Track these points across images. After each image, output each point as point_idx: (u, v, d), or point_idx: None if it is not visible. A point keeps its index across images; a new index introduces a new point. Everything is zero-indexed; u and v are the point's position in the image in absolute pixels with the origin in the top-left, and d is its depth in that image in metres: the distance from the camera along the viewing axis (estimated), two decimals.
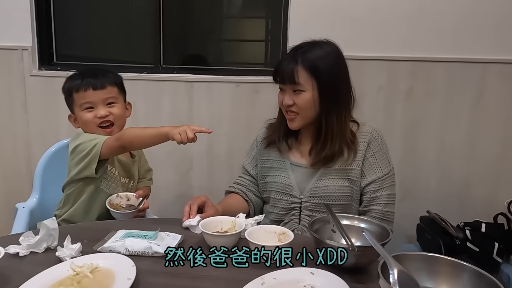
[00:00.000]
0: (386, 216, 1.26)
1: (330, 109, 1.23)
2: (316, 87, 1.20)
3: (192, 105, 2.04)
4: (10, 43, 2.01)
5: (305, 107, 1.23)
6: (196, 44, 2.20)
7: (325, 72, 1.21)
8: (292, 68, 1.21)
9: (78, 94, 1.30)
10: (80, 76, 1.32)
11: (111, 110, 1.31)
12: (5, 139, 2.10)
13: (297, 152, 1.34)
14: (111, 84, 1.33)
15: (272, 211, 1.34)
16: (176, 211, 2.13)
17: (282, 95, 1.27)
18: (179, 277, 0.87)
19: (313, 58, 1.21)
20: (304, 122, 1.26)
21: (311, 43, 1.25)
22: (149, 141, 1.21)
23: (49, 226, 0.94)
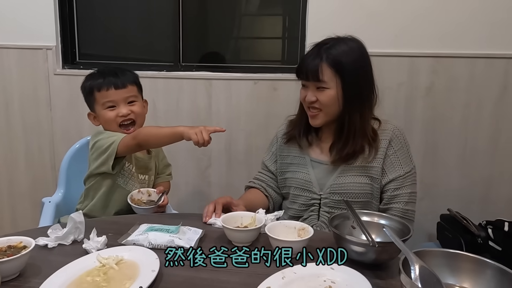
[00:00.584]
0: (406, 215, 1.25)
1: (353, 107, 1.22)
2: (340, 84, 1.20)
3: (210, 103, 2.06)
4: (35, 43, 2.06)
5: (328, 104, 1.22)
6: (215, 42, 2.22)
7: (350, 70, 1.20)
8: (317, 65, 1.20)
9: (100, 93, 1.32)
10: (101, 75, 1.34)
11: (132, 109, 1.35)
12: (30, 136, 2.16)
13: (317, 148, 1.34)
14: (131, 83, 1.36)
15: (291, 207, 1.35)
16: (195, 207, 2.17)
17: (305, 91, 1.26)
18: (200, 269, 0.88)
19: (338, 55, 1.20)
20: (326, 119, 1.25)
21: (335, 39, 1.24)
22: (164, 140, 1.24)
23: (75, 219, 0.97)
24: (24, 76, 2.10)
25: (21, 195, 2.20)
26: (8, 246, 0.85)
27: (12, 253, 0.82)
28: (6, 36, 2.06)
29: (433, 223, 1.89)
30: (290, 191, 1.35)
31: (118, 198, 1.34)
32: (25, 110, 2.14)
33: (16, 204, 2.23)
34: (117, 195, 1.34)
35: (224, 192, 2.16)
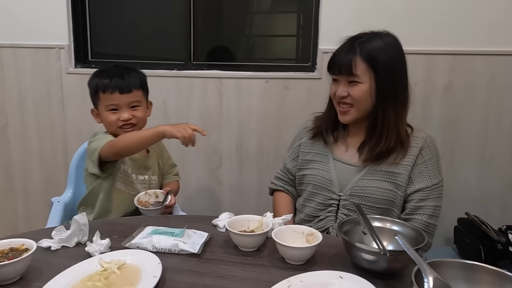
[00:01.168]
0: (428, 228, 1.20)
1: (387, 103, 1.18)
2: (374, 79, 1.16)
3: (221, 102, 2.03)
4: (48, 42, 2.07)
5: (360, 99, 1.18)
6: (226, 41, 2.19)
7: (385, 64, 1.16)
8: (350, 59, 1.16)
9: (104, 95, 1.32)
10: (108, 76, 1.33)
11: (134, 113, 1.35)
12: (44, 135, 2.18)
13: (343, 146, 1.29)
14: (137, 87, 1.36)
15: (308, 205, 1.31)
16: (206, 206, 2.15)
17: (336, 86, 1.23)
18: (205, 276, 0.86)
19: (373, 48, 1.16)
20: (357, 115, 1.21)
21: (370, 34, 1.21)
22: (145, 142, 1.24)
23: (79, 221, 0.96)
24: (37, 75, 2.12)
25: (35, 194, 2.22)
26: (10, 249, 0.85)
27: (14, 255, 0.81)
28: (20, 36, 2.08)
29: (450, 227, 1.82)
30: (308, 188, 1.31)
31: (119, 202, 1.34)
32: (39, 109, 2.15)
33: (30, 202, 2.25)
34: (117, 199, 1.34)
35: (235, 191, 2.14)
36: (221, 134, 2.06)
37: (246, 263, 0.92)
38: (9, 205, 2.27)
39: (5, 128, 2.19)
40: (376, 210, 1.20)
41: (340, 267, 0.90)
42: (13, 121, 2.18)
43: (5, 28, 2.08)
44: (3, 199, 2.26)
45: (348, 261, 0.92)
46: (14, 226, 2.29)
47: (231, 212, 1.13)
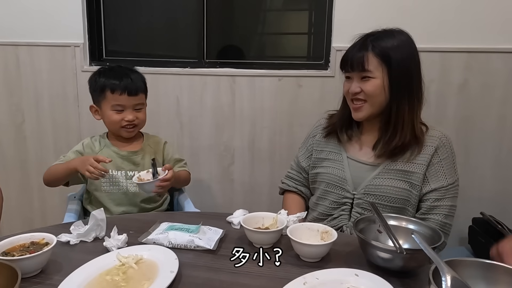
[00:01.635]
0: (444, 228, 1.19)
1: (401, 97, 1.18)
2: (387, 73, 1.16)
3: (234, 99, 2.04)
4: (64, 40, 2.10)
5: (373, 94, 1.18)
6: (239, 38, 2.19)
7: (397, 60, 1.16)
8: (362, 55, 1.17)
9: (113, 95, 1.36)
10: (117, 77, 1.36)
11: (138, 115, 1.40)
12: (59, 132, 2.21)
13: (357, 144, 1.29)
14: (142, 90, 1.41)
15: (322, 203, 1.31)
16: (218, 204, 2.16)
17: (349, 83, 1.23)
18: (220, 272, 0.87)
19: (385, 44, 1.17)
20: (371, 111, 1.21)
21: (383, 31, 1.21)
22: (61, 177, 1.36)
23: (97, 216, 0.98)
24: (53, 73, 2.15)
25: (50, 190, 2.22)
26: (31, 242, 0.86)
27: (35, 249, 0.83)
28: (36, 34, 2.11)
29: (464, 226, 1.80)
30: (321, 186, 1.31)
31: (112, 201, 1.39)
32: (54, 107, 2.18)
33: (45, 199, 2.29)
34: (108, 200, 1.39)
35: (247, 189, 2.15)
36: (233, 132, 2.07)
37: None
38: (25, 201, 2.31)
39: (22, 125, 2.23)
40: (390, 209, 1.20)
41: (355, 265, 0.90)
42: (30, 118, 2.22)
43: (22, 27, 2.11)
44: (20, 195, 2.30)
45: (363, 259, 0.92)
46: (29, 222, 2.33)
47: (245, 210, 1.13)
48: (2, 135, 2.25)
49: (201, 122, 2.09)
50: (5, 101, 2.20)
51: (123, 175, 1.40)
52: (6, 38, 2.13)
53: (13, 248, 0.84)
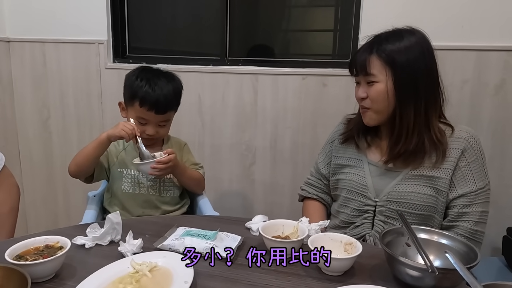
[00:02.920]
0: (474, 236, 1.11)
1: (406, 101, 1.11)
2: (391, 77, 1.10)
3: (256, 98, 2.00)
4: (88, 37, 2.11)
5: (377, 99, 1.12)
6: (262, 36, 2.14)
7: (402, 62, 1.09)
8: (365, 58, 1.12)
9: (140, 109, 1.31)
10: (151, 88, 1.30)
11: (160, 130, 1.37)
12: (83, 128, 2.23)
13: (377, 150, 1.23)
14: (172, 108, 1.36)
15: (343, 211, 1.25)
16: (238, 205, 2.13)
17: (358, 88, 1.19)
18: (237, 283, 0.83)
19: (390, 46, 1.10)
20: (377, 117, 1.15)
21: (391, 32, 1.14)
22: (92, 153, 1.28)
23: (113, 220, 0.95)
24: (78, 70, 2.17)
25: (74, 186, 2.28)
26: (46, 246, 0.85)
27: (48, 253, 0.81)
28: (62, 31, 2.13)
29: (498, 236, 1.70)
30: (342, 193, 1.26)
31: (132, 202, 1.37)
32: (79, 103, 2.21)
33: (69, 194, 2.32)
34: (128, 201, 1.37)
35: (268, 191, 2.11)
36: (255, 131, 2.03)
37: (280, 271, 0.88)
38: (50, 196, 2.35)
39: (47, 121, 2.26)
40: (416, 217, 1.12)
41: (381, 280, 0.84)
42: (55, 115, 2.25)
43: (48, 24, 2.14)
44: (45, 190, 2.35)
45: (390, 275, 0.86)
46: (54, 217, 2.37)
47: (264, 215, 1.09)
48: (29, 131, 2.29)
49: (222, 121, 2.06)
50: (33, 97, 2.24)
51: (144, 176, 1.38)
52: (34, 35, 2.16)
53: (27, 251, 0.82)
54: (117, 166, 1.38)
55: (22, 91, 2.24)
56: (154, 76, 1.35)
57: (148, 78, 1.33)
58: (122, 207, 1.38)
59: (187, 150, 1.52)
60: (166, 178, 1.41)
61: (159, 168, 1.26)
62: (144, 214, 1.36)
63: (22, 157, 2.33)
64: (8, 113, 2.24)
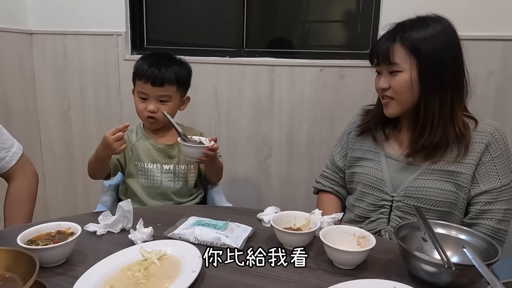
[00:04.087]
0: (497, 235, 1.06)
1: (431, 92, 1.06)
2: (416, 66, 1.05)
3: (273, 90, 1.97)
4: (107, 29, 2.13)
5: (400, 90, 1.08)
6: (280, 27, 2.11)
7: (428, 50, 1.04)
8: (388, 46, 1.07)
9: (138, 83, 1.35)
10: (148, 64, 1.33)
11: (161, 107, 1.34)
12: (102, 119, 2.26)
13: (395, 143, 1.19)
14: (171, 82, 1.34)
15: (358, 205, 1.22)
16: (253, 197, 2.11)
17: (378, 78, 1.14)
18: (246, 274, 0.81)
19: (415, 34, 1.05)
20: (400, 108, 1.11)
21: (415, 19, 1.10)
22: (95, 164, 1.30)
23: (124, 208, 0.96)
24: (97, 62, 2.19)
25: None
26: (58, 232, 0.86)
27: (60, 239, 0.82)
28: (82, 23, 2.15)
29: None
30: (357, 187, 1.23)
31: (147, 195, 1.37)
32: (98, 95, 2.23)
33: (88, 183, 2.36)
34: (143, 193, 1.37)
35: (284, 183, 2.08)
36: (271, 123, 2.01)
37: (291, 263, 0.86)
38: (70, 185, 2.40)
39: (68, 112, 2.30)
40: (435, 213, 1.08)
41: (395, 276, 0.81)
42: (75, 106, 2.28)
43: (69, 17, 2.17)
44: (66, 180, 2.40)
45: (405, 270, 0.83)
46: (74, 206, 2.42)
47: (277, 207, 1.07)
48: (50, 122, 2.34)
49: (239, 113, 2.04)
50: (54, 89, 2.28)
51: (159, 168, 1.38)
52: (55, 28, 2.20)
53: (39, 236, 0.83)
54: (133, 160, 1.39)
55: (43, 82, 2.29)
56: (157, 56, 1.39)
57: (150, 56, 1.38)
58: (137, 199, 1.38)
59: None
60: (180, 169, 1.41)
61: (209, 155, 1.26)
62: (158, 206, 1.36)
63: (44, 147, 2.38)
64: (30, 104, 2.29)
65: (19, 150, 1.27)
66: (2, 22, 2.05)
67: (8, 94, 2.13)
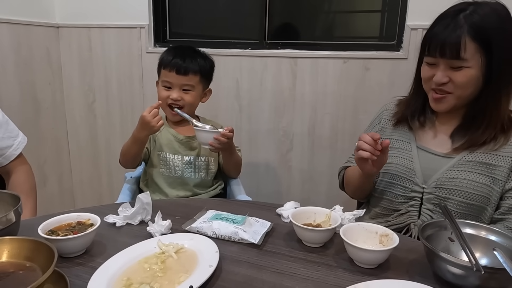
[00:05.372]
0: None
1: (498, 89, 0.99)
2: (485, 62, 0.97)
3: (295, 82, 1.94)
4: (130, 22, 2.14)
5: (465, 85, 1.00)
6: (303, 17, 2.06)
7: (500, 43, 0.96)
8: (458, 39, 0.96)
9: (164, 71, 1.37)
10: (173, 54, 1.37)
11: (184, 96, 1.37)
12: (126, 111, 2.29)
13: (431, 131, 1.13)
14: (195, 72, 1.37)
15: (386, 197, 1.17)
16: (273, 191, 2.10)
17: (432, 69, 1.04)
18: (263, 270, 0.80)
19: (484, 23, 0.95)
20: (455, 103, 1.04)
21: (476, 3, 0.99)
22: (133, 148, 1.33)
23: (143, 200, 0.96)
24: (121, 55, 2.21)
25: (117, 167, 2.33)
26: (78, 222, 0.87)
27: (79, 230, 0.83)
28: (106, 16, 2.18)
29: None
30: (385, 178, 1.17)
31: (168, 185, 1.38)
32: (121, 87, 2.26)
33: (112, 174, 2.41)
34: (163, 183, 1.38)
35: (306, 178, 2.06)
36: (293, 116, 1.98)
37: (310, 260, 0.84)
38: (95, 176, 2.45)
39: (93, 104, 2.34)
40: (466, 207, 1.03)
41: (419, 277, 0.78)
42: (100, 98, 2.32)
43: (94, 10, 2.19)
44: (91, 170, 2.45)
45: (429, 271, 0.79)
46: (99, 196, 2.48)
47: (297, 202, 1.05)
48: (76, 113, 2.39)
49: (260, 105, 2.02)
50: (80, 81, 2.33)
51: (180, 159, 1.39)
52: (80, 21, 2.23)
53: (59, 226, 0.84)
54: (157, 150, 1.40)
55: (70, 75, 2.34)
56: (182, 48, 1.42)
57: (175, 48, 1.42)
58: (158, 189, 1.39)
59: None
60: (201, 161, 1.41)
61: (221, 141, 1.26)
62: (179, 196, 1.37)
63: (70, 138, 2.44)
64: (57, 96, 2.34)
65: (24, 140, 1.30)
66: (31, 16, 2.10)
67: (37, 87, 2.19)
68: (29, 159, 1.32)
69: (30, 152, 2.15)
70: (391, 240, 0.83)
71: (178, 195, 1.38)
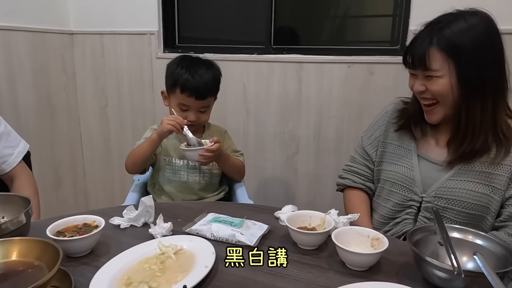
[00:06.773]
0: None
1: (472, 98, 1.01)
2: (455, 72, 1.00)
3: (301, 87, 1.97)
4: (141, 28, 2.21)
5: (440, 94, 1.03)
6: (308, 22, 2.09)
7: (468, 53, 0.98)
8: (424, 50, 1.01)
9: (181, 95, 1.35)
10: (191, 74, 1.34)
11: (201, 116, 1.40)
12: (137, 116, 2.36)
13: (432, 140, 1.15)
14: (213, 95, 1.40)
15: (384, 205, 1.20)
16: (279, 194, 2.13)
17: (412, 79, 1.09)
18: (257, 271, 0.83)
19: (452, 35, 0.99)
20: (445, 112, 1.06)
21: (452, 15, 1.02)
22: (146, 153, 1.35)
23: (146, 203, 1.01)
24: (132, 60, 2.29)
25: None
26: (84, 224, 0.92)
27: (85, 231, 0.88)
28: (118, 23, 2.26)
29: None
30: (385, 186, 1.20)
31: (174, 190, 1.41)
32: (133, 91, 2.33)
33: (124, 176, 2.48)
34: (170, 187, 1.41)
35: (311, 181, 2.08)
36: (299, 120, 2.01)
37: (303, 262, 0.87)
38: (108, 178, 2.53)
39: (105, 108, 2.42)
40: (465, 217, 1.05)
41: (408, 280, 0.80)
42: (112, 102, 2.40)
43: (106, 17, 2.27)
44: (104, 172, 2.53)
45: (418, 274, 0.81)
46: (111, 197, 2.56)
47: (294, 206, 1.08)
48: (89, 117, 2.47)
49: (267, 109, 2.06)
50: (93, 86, 2.41)
51: (185, 164, 1.43)
52: (93, 28, 2.31)
53: (66, 228, 0.90)
54: (162, 154, 1.45)
55: (83, 80, 2.42)
56: (194, 64, 1.38)
57: (188, 66, 1.37)
58: (164, 192, 1.44)
59: (227, 137, 1.55)
60: (205, 167, 1.45)
61: (207, 156, 1.30)
62: (184, 200, 1.41)
63: (84, 142, 2.53)
64: (72, 101, 2.43)
65: (24, 150, 1.35)
66: (46, 24, 2.19)
67: (52, 92, 2.27)
68: (45, 162, 1.38)
69: (46, 155, 2.25)
70: (382, 243, 0.85)
71: (184, 199, 1.42)
